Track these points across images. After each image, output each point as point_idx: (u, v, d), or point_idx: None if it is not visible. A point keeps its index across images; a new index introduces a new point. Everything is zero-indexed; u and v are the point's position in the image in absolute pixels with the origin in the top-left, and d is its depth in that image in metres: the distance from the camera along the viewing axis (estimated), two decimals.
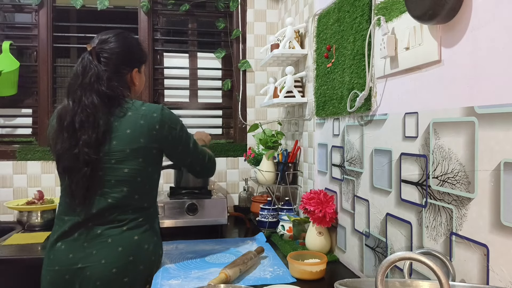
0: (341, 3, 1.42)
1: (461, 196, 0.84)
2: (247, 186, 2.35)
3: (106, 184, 1.22)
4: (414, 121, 1.01)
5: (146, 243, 1.26)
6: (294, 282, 1.27)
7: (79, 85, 1.23)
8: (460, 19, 0.84)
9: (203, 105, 2.51)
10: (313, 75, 1.70)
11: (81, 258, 1.19)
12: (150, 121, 1.25)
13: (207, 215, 1.85)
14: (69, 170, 1.21)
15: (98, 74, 1.23)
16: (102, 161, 1.20)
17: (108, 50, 1.28)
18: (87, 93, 1.21)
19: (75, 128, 1.20)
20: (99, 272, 1.18)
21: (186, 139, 1.37)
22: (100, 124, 1.19)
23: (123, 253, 1.20)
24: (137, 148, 1.23)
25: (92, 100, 1.20)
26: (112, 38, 1.30)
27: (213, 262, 1.46)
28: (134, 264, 1.22)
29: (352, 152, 1.37)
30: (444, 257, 0.88)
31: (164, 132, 1.28)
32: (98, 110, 1.20)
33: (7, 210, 2.13)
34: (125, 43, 1.33)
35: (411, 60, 1.01)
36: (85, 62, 1.25)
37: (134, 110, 1.25)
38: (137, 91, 1.42)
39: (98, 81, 1.22)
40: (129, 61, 1.34)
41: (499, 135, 0.74)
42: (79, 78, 1.23)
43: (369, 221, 1.27)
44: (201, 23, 2.53)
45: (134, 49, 1.37)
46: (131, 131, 1.22)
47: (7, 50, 2.16)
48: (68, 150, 1.20)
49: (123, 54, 1.31)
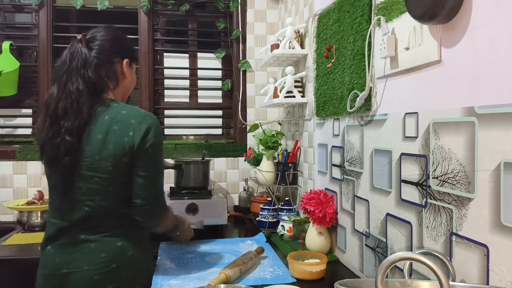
0: (341, 3, 1.42)
1: (461, 196, 0.84)
2: (247, 186, 2.35)
3: (79, 191, 1.16)
4: (414, 121, 1.01)
5: (130, 249, 1.19)
6: (294, 282, 1.27)
7: (65, 71, 1.19)
8: (460, 19, 0.84)
9: (203, 105, 2.51)
10: (313, 75, 1.70)
11: (66, 263, 1.16)
12: (127, 127, 1.16)
13: (207, 215, 1.84)
14: (51, 161, 1.17)
15: (85, 60, 1.19)
16: (77, 166, 1.15)
17: (99, 37, 1.25)
18: (73, 78, 1.17)
19: (58, 115, 1.15)
20: (82, 279, 1.14)
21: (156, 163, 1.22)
22: (83, 111, 1.15)
23: (106, 259, 1.15)
24: (107, 156, 1.14)
25: (77, 85, 1.16)
26: (102, 28, 1.28)
27: (213, 262, 1.46)
28: (118, 272, 1.17)
29: (352, 152, 1.37)
30: (444, 257, 0.88)
31: (138, 143, 1.16)
32: (82, 96, 1.15)
33: (7, 210, 2.13)
34: (116, 33, 1.30)
35: (411, 60, 1.01)
36: (73, 48, 1.21)
37: (112, 114, 1.18)
38: (127, 87, 1.34)
39: (85, 66, 1.18)
40: (120, 50, 1.29)
41: (499, 135, 0.74)
42: (65, 64, 1.19)
43: (369, 221, 1.27)
44: (201, 23, 2.53)
45: (125, 40, 1.34)
46: (102, 137, 1.15)
47: (7, 50, 2.16)
48: (51, 139, 1.15)
49: (113, 41, 1.27)
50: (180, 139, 2.47)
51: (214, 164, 2.38)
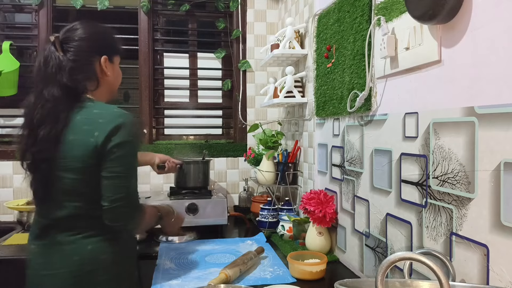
0: (341, 3, 1.42)
1: (461, 196, 0.84)
2: (247, 186, 2.35)
3: (56, 193, 1.14)
4: (414, 121, 1.01)
5: (103, 253, 1.14)
6: (294, 282, 1.27)
7: (40, 78, 1.14)
8: (460, 19, 0.84)
9: (203, 105, 2.51)
10: (313, 75, 1.70)
11: (45, 264, 1.14)
12: (94, 127, 1.10)
13: (207, 215, 1.85)
14: (30, 169, 1.16)
15: (59, 65, 1.13)
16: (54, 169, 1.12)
17: (73, 37, 1.17)
18: (49, 85, 1.12)
19: (35, 124, 1.12)
20: (58, 282, 1.11)
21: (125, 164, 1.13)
22: (60, 118, 1.11)
23: (79, 262, 1.11)
24: (76, 157, 1.10)
25: (53, 92, 1.11)
26: (78, 25, 1.20)
27: (213, 262, 1.46)
28: (91, 276, 1.12)
29: (352, 152, 1.37)
30: (444, 257, 0.88)
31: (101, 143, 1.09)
32: (59, 103, 1.11)
33: (7, 210, 2.13)
34: (92, 29, 1.22)
35: (411, 60, 1.01)
36: (46, 52, 1.15)
37: (85, 114, 1.13)
38: (112, 85, 1.27)
39: (60, 72, 1.13)
40: (97, 47, 1.21)
41: (499, 135, 0.74)
42: (40, 70, 1.15)
43: (369, 221, 1.27)
44: (201, 23, 2.53)
45: (103, 36, 1.25)
46: (73, 138, 1.10)
47: (7, 50, 2.16)
48: (29, 148, 1.13)
49: (89, 40, 1.19)
50: (180, 139, 2.47)
51: (214, 164, 2.38)
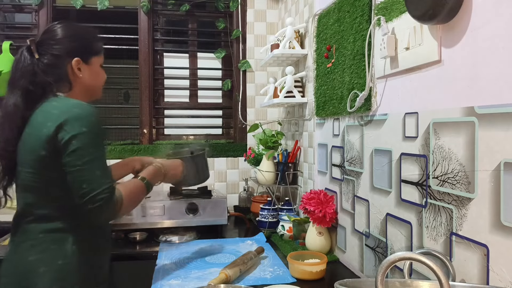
0: (341, 3, 1.42)
1: (461, 196, 0.84)
2: (247, 186, 2.35)
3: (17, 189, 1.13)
4: (414, 121, 1.01)
5: (45, 266, 1.04)
6: (294, 282, 1.27)
7: (8, 83, 1.12)
8: (460, 19, 0.84)
9: (203, 105, 2.51)
10: (313, 75, 1.70)
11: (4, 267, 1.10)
12: (47, 118, 1.05)
13: (207, 215, 1.85)
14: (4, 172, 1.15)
15: (25, 69, 1.10)
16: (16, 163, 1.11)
17: (48, 39, 1.14)
18: (14, 91, 1.10)
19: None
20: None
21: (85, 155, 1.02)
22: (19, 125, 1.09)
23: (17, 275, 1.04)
24: (29, 149, 1.06)
25: (14, 100, 1.09)
26: (55, 26, 1.17)
27: (213, 262, 1.46)
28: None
29: (352, 152, 1.37)
30: (444, 257, 0.88)
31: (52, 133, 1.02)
32: (18, 110, 1.09)
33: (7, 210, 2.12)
34: (69, 30, 1.17)
35: (411, 60, 1.01)
36: (17, 57, 1.13)
37: (43, 107, 1.08)
38: (88, 84, 1.20)
39: (24, 77, 1.10)
40: (70, 49, 1.16)
41: (499, 135, 0.74)
42: (11, 75, 1.13)
43: (369, 221, 1.27)
44: (201, 23, 2.53)
45: (78, 37, 1.19)
46: (28, 131, 1.08)
47: (7, 50, 2.16)
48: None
49: (63, 42, 1.15)
50: (180, 139, 2.47)
51: (214, 164, 2.38)
